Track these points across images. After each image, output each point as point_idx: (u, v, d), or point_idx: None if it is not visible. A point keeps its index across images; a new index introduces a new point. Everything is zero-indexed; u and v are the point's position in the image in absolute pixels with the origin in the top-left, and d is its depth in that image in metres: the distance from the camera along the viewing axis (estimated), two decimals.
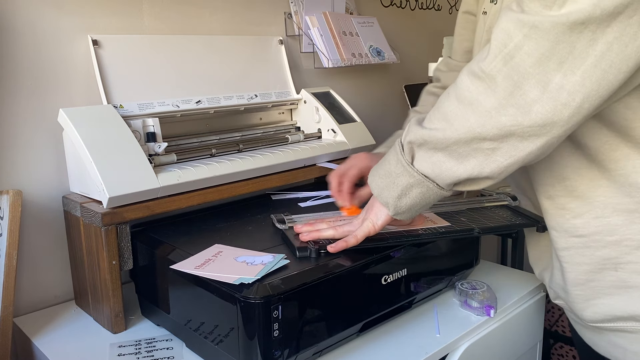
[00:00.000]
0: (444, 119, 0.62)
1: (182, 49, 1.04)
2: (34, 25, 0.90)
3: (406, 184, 0.66)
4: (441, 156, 0.63)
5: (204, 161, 0.93)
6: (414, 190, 0.66)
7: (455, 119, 0.60)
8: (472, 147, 0.60)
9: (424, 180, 0.65)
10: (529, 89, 0.55)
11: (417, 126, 0.65)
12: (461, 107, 0.60)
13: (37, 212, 0.92)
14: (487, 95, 0.57)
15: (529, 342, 0.97)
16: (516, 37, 0.55)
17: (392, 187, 0.67)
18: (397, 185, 0.67)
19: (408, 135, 0.66)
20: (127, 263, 0.83)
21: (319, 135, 1.16)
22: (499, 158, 0.59)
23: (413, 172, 0.65)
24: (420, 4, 1.65)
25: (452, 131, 0.60)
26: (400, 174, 0.66)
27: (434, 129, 0.62)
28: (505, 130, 0.57)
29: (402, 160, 0.66)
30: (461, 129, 0.59)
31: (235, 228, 0.88)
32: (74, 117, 0.82)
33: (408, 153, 0.66)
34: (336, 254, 0.73)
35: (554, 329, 1.59)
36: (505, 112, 0.56)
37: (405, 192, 0.67)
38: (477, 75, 0.58)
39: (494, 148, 0.59)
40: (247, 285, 0.64)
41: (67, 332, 0.85)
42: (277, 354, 0.65)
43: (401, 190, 0.67)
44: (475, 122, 0.58)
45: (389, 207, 0.69)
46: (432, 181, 0.65)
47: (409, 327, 0.83)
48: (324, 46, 1.27)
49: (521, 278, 1.00)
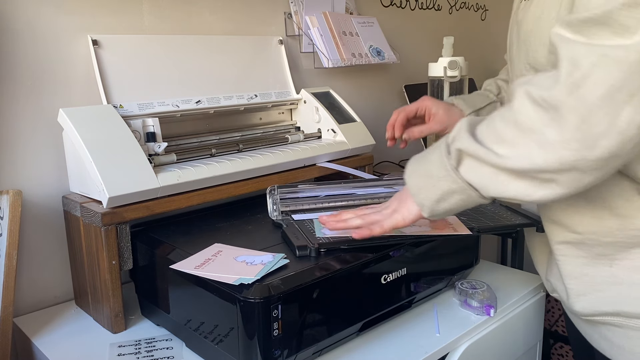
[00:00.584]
0: (501, 142, 0.59)
1: (182, 49, 1.05)
2: (33, 25, 0.90)
3: (447, 189, 0.64)
4: (492, 171, 0.60)
5: (204, 161, 0.93)
6: (455, 196, 0.64)
7: (515, 146, 0.58)
8: (529, 175, 0.58)
9: (467, 189, 0.63)
10: (596, 123, 0.52)
11: (471, 137, 0.62)
12: (521, 135, 0.57)
13: (37, 212, 0.92)
14: (550, 127, 0.55)
15: (529, 342, 0.97)
16: (583, 66, 0.52)
17: (432, 190, 0.65)
18: (437, 188, 0.64)
19: (458, 142, 0.63)
20: (127, 263, 0.83)
21: (319, 135, 1.16)
22: (554, 187, 0.57)
23: (457, 178, 0.63)
24: (420, 4, 1.65)
25: (510, 160, 0.58)
26: (443, 177, 0.64)
27: (490, 151, 0.60)
28: (567, 164, 0.54)
29: (447, 165, 0.63)
30: (521, 159, 0.57)
31: (235, 228, 0.88)
32: (74, 117, 0.82)
33: (455, 158, 0.63)
34: (336, 254, 0.73)
35: (554, 329, 1.59)
36: (569, 147, 0.54)
37: (445, 197, 0.65)
38: (539, 104, 0.56)
39: (551, 179, 0.57)
40: (247, 285, 0.64)
41: (67, 332, 0.85)
42: (277, 354, 0.65)
43: (441, 195, 0.65)
44: (536, 154, 0.56)
45: (424, 209, 0.67)
46: (476, 190, 0.63)
47: (408, 326, 0.83)
48: (324, 46, 1.27)
49: (521, 278, 1.00)
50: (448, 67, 1.26)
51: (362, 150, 1.16)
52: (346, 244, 0.74)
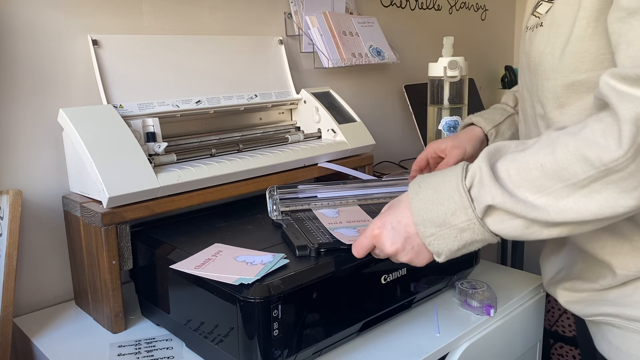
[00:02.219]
0: (540, 194, 0.55)
1: (182, 49, 1.05)
2: (33, 25, 0.90)
3: (470, 240, 0.60)
4: (525, 222, 0.57)
5: (204, 161, 0.93)
6: (476, 244, 0.61)
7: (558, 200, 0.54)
8: (567, 224, 0.55)
9: (492, 238, 0.60)
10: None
11: (499, 187, 0.57)
12: (566, 190, 0.54)
13: (37, 212, 0.92)
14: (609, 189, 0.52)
15: (529, 342, 0.97)
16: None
17: (452, 241, 0.61)
18: (459, 240, 0.60)
19: (485, 194, 0.57)
20: (127, 263, 0.83)
21: (319, 135, 1.16)
22: (586, 227, 0.56)
23: (484, 230, 0.59)
24: (420, 4, 1.65)
25: (550, 214, 0.55)
26: (467, 229, 0.60)
27: (527, 203, 0.56)
28: (614, 215, 0.53)
29: (473, 218, 0.59)
30: (561, 214, 0.54)
31: (235, 228, 0.88)
32: (74, 117, 0.82)
33: (482, 210, 0.58)
34: (335, 253, 0.73)
35: (554, 329, 1.59)
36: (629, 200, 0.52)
37: (466, 246, 0.61)
38: (592, 164, 0.52)
39: (588, 224, 0.56)
40: (247, 285, 0.64)
41: (67, 332, 0.85)
42: (277, 354, 0.65)
43: (463, 245, 0.61)
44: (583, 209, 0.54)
45: (441, 257, 0.62)
46: (499, 236, 0.60)
47: (408, 326, 0.83)
48: (324, 46, 1.27)
49: (521, 278, 1.00)
50: (448, 67, 1.26)
51: (362, 150, 1.16)
52: (346, 244, 0.74)
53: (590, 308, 0.71)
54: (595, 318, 0.71)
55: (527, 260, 1.44)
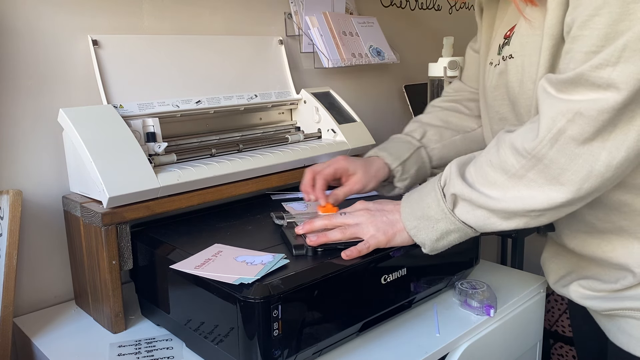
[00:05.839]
0: (491, 186, 0.66)
1: (182, 49, 1.05)
2: (33, 25, 0.90)
3: (445, 230, 0.71)
4: (486, 213, 0.67)
5: (204, 161, 0.93)
6: (453, 235, 0.71)
7: (505, 189, 0.64)
8: (520, 214, 0.65)
9: (464, 228, 0.70)
10: (577, 170, 0.59)
11: (462, 182, 0.68)
12: (510, 181, 0.64)
13: (37, 212, 0.92)
14: (536, 174, 0.62)
15: (529, 342, 0.97)
16: (560, 122, 0.59)
17: (431, 231, 0.71)
18: (436, 229, 0.71)
19: (452, 187, 0.69)
20: (127, 263, 0.83)
21: (319, 135, 1.16)
22: (542, 220, 0.65)
23: (455, 220, 0.70)
24: (420, 4, 1.65)
25: (503, 203, 0.65)
26: (441, 219, 0.70)
27: (484, 195, 0.66)
28: (556, 204, 0.62)
29: (445, 208, 0.70)
30: (512, 202, 0.64)
31: (235, 228, 0.88)
32: (73, 117, 0.82)
33: (450, 201, 0.70)
34: (336, 254, 0.73)
35: (553, 329, 1.59)
36: (557, 190, 0.61)
37: (443, 236, 0.71)
38: (521, 154, 0.63)
39: (541, 214, 0.64)
40: (247, 285, 0.64)
41: (67, 332, 0.85)
42: (277, 354, 0.65)
43: (440, 234, 0.71)
44: (527, 196, 0.63)
45: (425, 247, 0.73)
46: (472, 228, 0.70)
47: (408, 326, 0.83)
48: (324, 46, 1.27)
49: (521, 278, 1.00)
50: (448, 67, 1.26)
51: (362, 150, 1.16)
52: (343, 244, 0.74)
53: (609, 303, 0.72)
54: (613, 312, 0.71)
55: (527, 260, 1.44)
